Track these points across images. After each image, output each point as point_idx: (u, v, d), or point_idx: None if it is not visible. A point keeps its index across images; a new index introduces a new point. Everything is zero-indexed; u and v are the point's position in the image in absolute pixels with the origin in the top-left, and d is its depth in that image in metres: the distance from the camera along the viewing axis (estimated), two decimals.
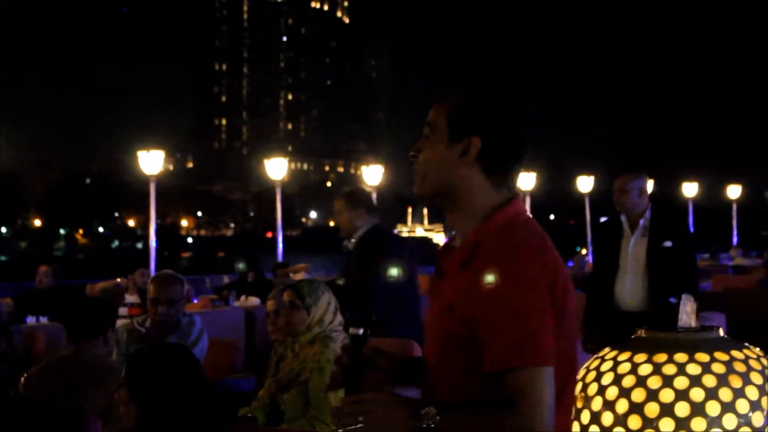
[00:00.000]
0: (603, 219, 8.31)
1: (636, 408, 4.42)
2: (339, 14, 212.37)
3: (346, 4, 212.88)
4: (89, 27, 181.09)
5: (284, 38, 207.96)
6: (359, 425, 2.64)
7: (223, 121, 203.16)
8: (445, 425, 2.54)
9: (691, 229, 7.56)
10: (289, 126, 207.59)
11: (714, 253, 30.08)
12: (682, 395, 4.41)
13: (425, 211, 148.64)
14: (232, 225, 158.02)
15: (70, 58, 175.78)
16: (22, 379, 5.36)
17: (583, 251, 34.00)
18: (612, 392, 4.49)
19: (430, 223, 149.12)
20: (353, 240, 7.65)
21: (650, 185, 7.65)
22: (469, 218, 2.75)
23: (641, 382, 4.44)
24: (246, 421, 5.46)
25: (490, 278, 2.58)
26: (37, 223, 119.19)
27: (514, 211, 2.76)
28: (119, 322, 8.95)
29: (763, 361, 4.50)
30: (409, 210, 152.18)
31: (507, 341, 2.55)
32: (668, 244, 7.13)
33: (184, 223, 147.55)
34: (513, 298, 2.56)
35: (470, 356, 2.64)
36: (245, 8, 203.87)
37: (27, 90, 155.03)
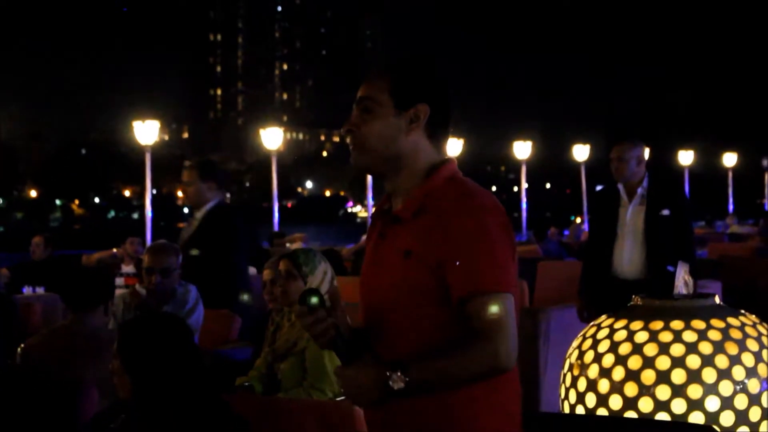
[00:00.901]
0: (599, 188, 8.32)
1: (632, 375, 4.46)
2: None
3: None
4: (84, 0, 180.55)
5: (279, 8, 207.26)
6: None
7: (219, 92, 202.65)
8: (416, 379, 2.69)
9: (688, 197, 7.57)
10: (285, 96, 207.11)
11: (710, 222, 30.14)
12: (678, 362, 4.46)
13: None
14: (228, 195, 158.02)
15: (64, 30, 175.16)
16: (19, 349, 5.36)
17: (578, 220, 34.03)
18: (608, 359, 4.54)
19: None
20: (200, 213, 7.62)
21: (647, 153, 7.65)
22: (410, 178, 2.93)
23: (637, 349, 4.49)
24: (243, 390, 5.47)
25: (451, 218, 2.77)
26: (33, 194, 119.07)
27: (453, 168, 2.96)
28: (116, 293, 8.96)
29: (759, 328, 4.53)
30: None
31: (473, 269, 2.73)
32: (666, 212, 7.14)
33: (179, 193, 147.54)
34: (477, 230, 2.75)
35: (429, 299, 2.79)
36: None
37: (21, 62, 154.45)
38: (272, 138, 25.53)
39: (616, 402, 4.21)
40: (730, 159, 42.29)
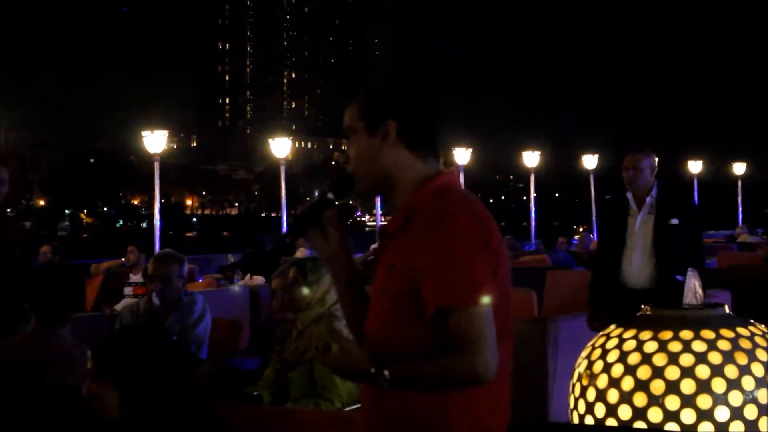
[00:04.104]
0: (607, 197, 8.30)
1: (641, 385, 4.45)
2: None
3: None
4: (93, 7, 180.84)
5: (287, 17, 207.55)
6: None
7: (227, 100, 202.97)
8: (397, 377, 2.80)
9: (698, 206, 7.54)
10: (293, 105, 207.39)
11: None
12: (687, 372, 4.44)
13: None
14: (236, 204, 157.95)
15: (73, 38, 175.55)
16: None
17: (581, 229, 33.97)
18: (617, 369, 4.52)
19: None
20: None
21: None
22: (404, 192, 3.02)
23: (647, 359, 4.47)
24: (251, 400, 5.47)
25: (428, 232, 2.83)
26: (42, 203, 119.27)
27: (446, 181, 3.01)
28: (123, 303, 9.00)
29: None
30: None
31: (447, 283, 2.79)
32: (675, 221, 7.12)
33: (188, 202, 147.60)
34: (450, 245, 2.81)
35: (411, 311, 2.86)
36: None
37: (30, 71, 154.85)
38: (281, 147, 25.52)
39: (625, 412, 4.20)
40: (739, 168, 42.19)
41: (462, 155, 30.83)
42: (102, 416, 3.67)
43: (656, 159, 7.41)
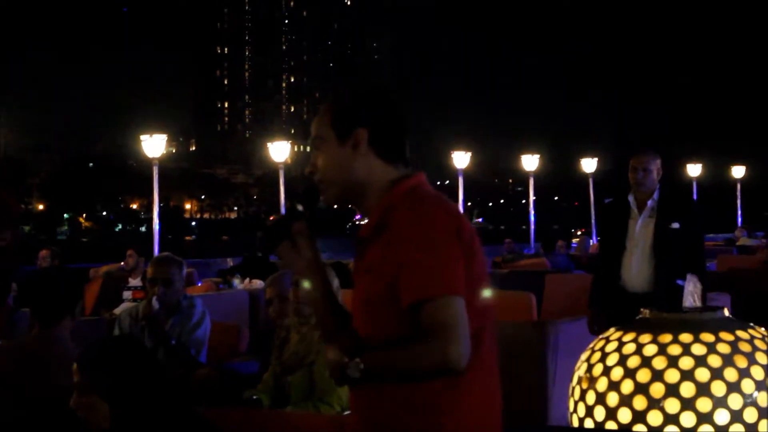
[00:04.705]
0: (608, 200, 8.28)
1: (641, 388, 4.44)
2: None
3: None
4: (92, 11, 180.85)
5: (286, 21, 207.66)
6: None
7: (226, 104, 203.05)
8: (370, 366, 2.82)
9: (700, 211, 7.49)
10: (292, 108, 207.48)
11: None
12: (687, 375, 4.43)
13: None
14: (235, 208, 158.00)
15: (72, 42, 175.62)
16: None
17: (579, 232, 34.00)
18: (617, 373, 4.52)
19: None
20: None
21: None
22: (375, 197, 3.03)
23: (646, 362, 4.47)
24: (251, 403, 5.47)
25: (401, 231, 2.85)
26: (40, 207, 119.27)
27: (417, 181, 3.03)
28: (122, 307, 9.00)
29: None
30: None
31: (418, 274, 2.79)
32: (676, 225, 7.09)
33: (187, 206, 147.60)
34: (421, 239, 2.83)
35: (390, 314, 2.87)
36: None
37: (29, 75, 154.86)
38: (280, 151, 25.56)
39: (625, 415, 4.19)
40: (738, 171, 42.23)
41: (461, 159, 30.86)
42: (93, 428, 3.68)
43: (660, 160, 7.39)
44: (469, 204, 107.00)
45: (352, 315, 3.07)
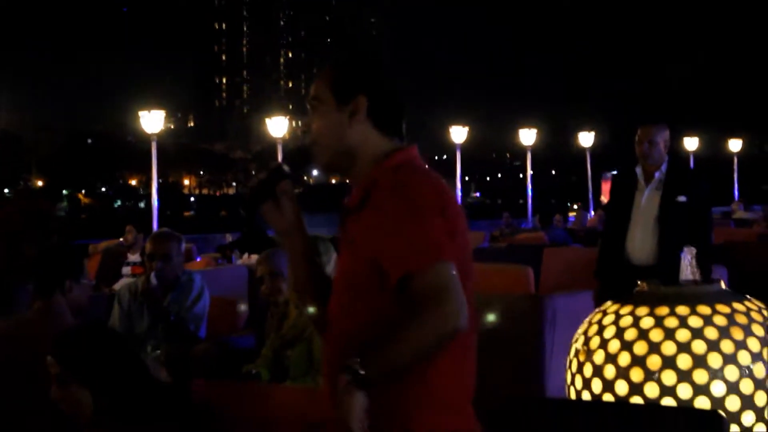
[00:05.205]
0: (613, 172, 8.23)
1: (638, 361, 4.47)
2: None
3: None
4: None
5: None
6: None
7: (224, 80, 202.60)
8: (371, 372, 2.72)
9: (708, 185, 7.40)
10: (290, 84, 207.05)
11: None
12: (683, 347, 4.46)
13: None
14: (234, 184, 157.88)
15: (70, 20, 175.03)
16: None
17: (576, 206, 34.04)
18: (614, 345, 4.54)
19: None
20: None
21: None
22: (365, 167, 3.00)
23: (643, 335, 4.50)
24: (250, 377, 5.48)
25: (385, 205, 2.83)
26: (39, 183, 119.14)
27: (408, 155, 3.01)
28: (121, 282, 9.02)
29: (765, 313, 4.53)
30: None
31: (405, 247, 2.77)
32: (682, 198, 7.04)
33: (186, 182, 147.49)
34: (407, 214, 2.80)
35: (372, 287, 2.85)
36: None
37: (28, 53, 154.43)
38: (277, 126, 25.58)
39: (622, 387, 4.22)
40: (735, 145, 42.23)
41: (458, 133, 30.85)
42: (76, 418, 3.68)
43: (668, 132, 7.34)
44: (467, 178, 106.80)
45: (332, 283, 3.06)
